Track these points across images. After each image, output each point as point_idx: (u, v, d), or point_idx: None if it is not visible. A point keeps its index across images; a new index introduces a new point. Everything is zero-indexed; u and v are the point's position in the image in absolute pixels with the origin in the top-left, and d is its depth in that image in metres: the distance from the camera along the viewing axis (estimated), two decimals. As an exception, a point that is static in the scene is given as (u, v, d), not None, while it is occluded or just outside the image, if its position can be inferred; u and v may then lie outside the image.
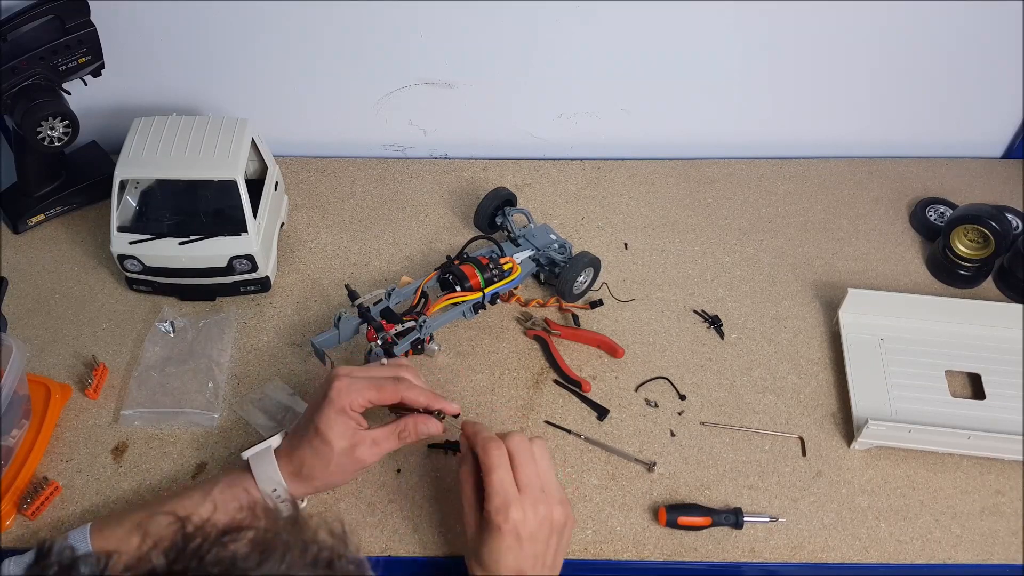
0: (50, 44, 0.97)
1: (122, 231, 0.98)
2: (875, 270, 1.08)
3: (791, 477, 0.89)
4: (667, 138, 1.24)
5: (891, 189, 1.19)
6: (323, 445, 0.75)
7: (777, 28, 1.11)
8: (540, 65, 1.16)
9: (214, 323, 0.99)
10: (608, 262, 1.06)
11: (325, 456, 0.76)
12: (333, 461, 0.76)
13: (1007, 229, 1.02)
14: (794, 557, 0.83)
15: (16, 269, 1.06)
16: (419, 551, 0.83)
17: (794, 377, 0.97)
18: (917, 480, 0.89)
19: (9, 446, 0.85)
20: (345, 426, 0.76)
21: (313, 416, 0.77)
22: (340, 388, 0.76)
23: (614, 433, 0.92)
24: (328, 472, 0.77)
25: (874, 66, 1.16)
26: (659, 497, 0.87)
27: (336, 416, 0.75)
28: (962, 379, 0.96)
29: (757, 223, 1.14)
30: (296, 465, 0.77)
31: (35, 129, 0.99)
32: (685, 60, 1.15)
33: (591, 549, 0.83)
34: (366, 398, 0.76)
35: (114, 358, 0.97)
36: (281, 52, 1.13)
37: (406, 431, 0.78)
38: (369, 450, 0.77)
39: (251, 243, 0.97)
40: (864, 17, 1.09)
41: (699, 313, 1.03)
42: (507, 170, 1.20)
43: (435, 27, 1.10)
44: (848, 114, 1.22)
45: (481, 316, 0.99)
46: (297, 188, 1.16)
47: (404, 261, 1.08)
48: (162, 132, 0.98)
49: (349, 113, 1.21)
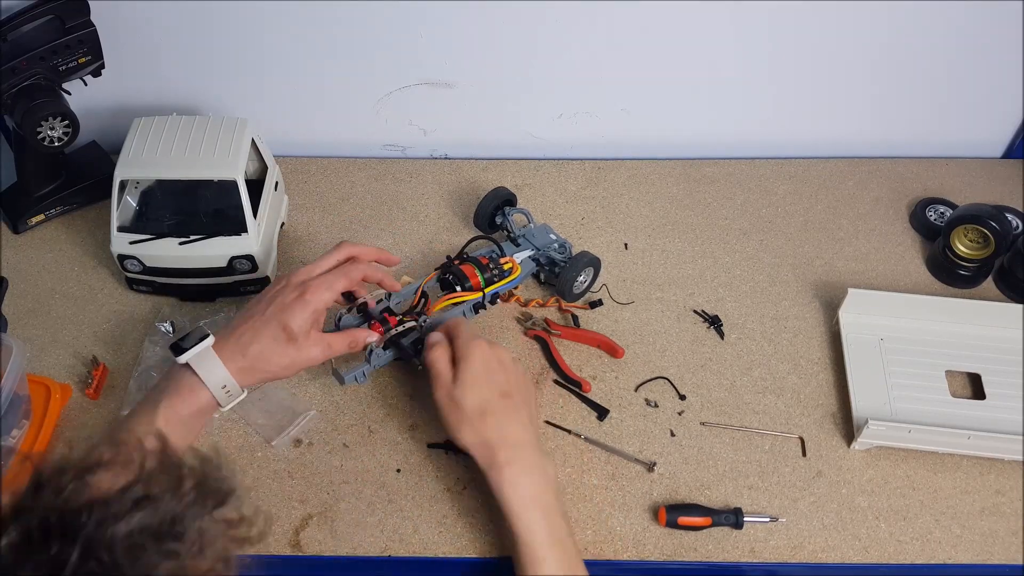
0: (50, 44, 0.97)
1: (122, 231, 0.98)
2: (875, 270, 1.08)
3: (791, 477, 0.89)
4: (667, 138, 1.24)
5: (891, 189, 1.19)
6: (289, 341, 0.80)
7: (777, 28, 1.11)
8: (540, 65, 1.16)
9: (214, 323, 0.99)
10: (608, 262, 1.06)
11: (283, 352, 0.80)
12: (289, 356, 0.80)
13: (1007, 229, 1.02)
14: (794, 557, 0.83)
15: (16, 269, 1.05)
16: (419, 551, 0.83)
17: (794, 377, 0.97)
18: (917, 480, 0.89)
19: (9, 446, 0.85)
20: (306, 320, 0.81)
21: (279, 314, 0.81)
22: (316, 288, 0.82)
23: (614, 433, 0.92)
24: (280, 366, 0.81)
25: (874, 66, 1.16)
26: (659, 497, 0.87)
27: (308, 316, 0.81)
28: (962, 379, 0.96)
29: (757, 223, 1.14)
30: (249, 360, 0.80)
31: (35, 129, 0.99)
32: (685, 60, 1.15)
33: (591, 549, 0.83)
34: (337, 292, 0.84)
35: (114, 358, 0.97)
36: (281, 52, 1.13)
37: (355, 341, 0.85)
38: (322, 352, 0.83)
39: (251, 243, 0.97)
40: (864, 17, 1.09)
41: (699, 313, 1.03)
42: (507, 170, 1.20)
43: (435, 27, 1.10)
44: (848, 114, 1.22)
45: (481, 316, 0.99)
46: (297, 188, 1.16)
47: (404, 261, 1.08)
48: (162, 132, 0.98)
49: (349, 113, 1.21)
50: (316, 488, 0.87)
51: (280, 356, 0.80)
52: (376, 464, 0.89)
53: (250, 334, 0.80)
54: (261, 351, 0.80)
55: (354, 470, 0.88)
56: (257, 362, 0.80)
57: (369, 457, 0.89)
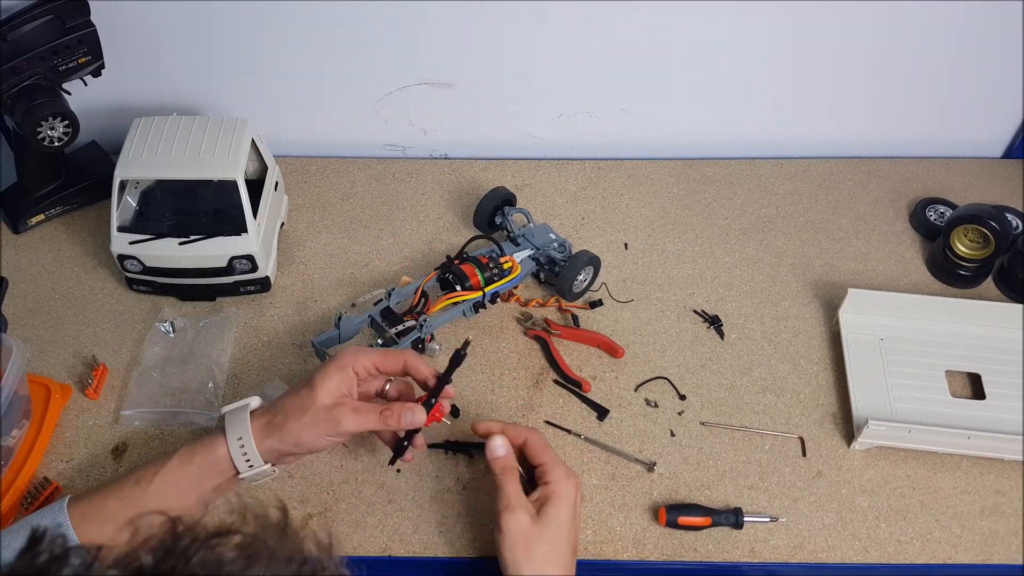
0: (50, 44, 0.97)
1: (122, 231, 0.98)
2: (875, 270, 1.08)
3: (791, 477, 0.89)
4: (667, 138, 1.24)
5: (891, 189, 1.19)
6: (308, 395, 0.75)
7: (777, 28, 1.11)
8: (540, 65, 1.16)
9: (214, 323, 0.99)
10: (608, 262, 1.06)
11: (305, 405, 0.75)
12: (310, 414, 0.74)
13: (1007, 229, 1.02)
14: (794, 557, 0.83)
15: (16, 269, 1.06)
16: (419, 551, 0.83)
17: (794, 377, 0.97)
18: (917, 480, 0.89)
19: (9, 446, 0.86)
20: (339, 382, 0.76)
21: (312, 374, 0.77)
22: (347, 351, 0.78)
23: (614, 433, 0.92)
24: (301, 425, 0.74)
25: (874, 66, 1.16)
26: (659, 497, 0.87)
27: (334, 371, 0.76)
28: (962, 379, 0.96)
29: (757, 223, 1.14)
30: (271, 414, 0.76)
31: (35, 129, 0.99)
32: (685, 60, 1.15)
33: (591, 549, 0.83)
34: (372, 360, 0.77)
35: (114, 358, 0.97)
36: (281, 52, 1.13)
37: (390, 412, 0.76)
38: (349, 416, 0.75)
39: (251, 243, 0.97)
40: (864, 17, 1.09)
41: (699, 313, 1.03)
42: (507, 170, 1.20)
43: (435, 27, 1.10)
44: (848, 114, 1.22)
45: (481, 316, 0.99)
46: (297, 188, 1.16)
47: (404, 261, 1.08)
48: (162, 132, 0.98)
49: (349, 113, 1.21)
50: (316, 488, 0.87)
51: (300, 411, 0.75)
52: (376, 464, 0.89)
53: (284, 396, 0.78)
54: (281, 402, 0.76)
55: (354, 470, 0.88)
56: (276, 416, 0.75)
57: (369, 457, 0.89)
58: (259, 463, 0.76)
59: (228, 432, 0.75)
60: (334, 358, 0.77)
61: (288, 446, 0.76)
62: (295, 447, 0.76)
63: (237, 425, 0.76)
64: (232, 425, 0.76)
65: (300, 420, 0.75)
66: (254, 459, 0.75)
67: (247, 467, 0.76)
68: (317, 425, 0.75)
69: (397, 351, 0.80)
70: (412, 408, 0.77)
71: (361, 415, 0.75)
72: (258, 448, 0.75)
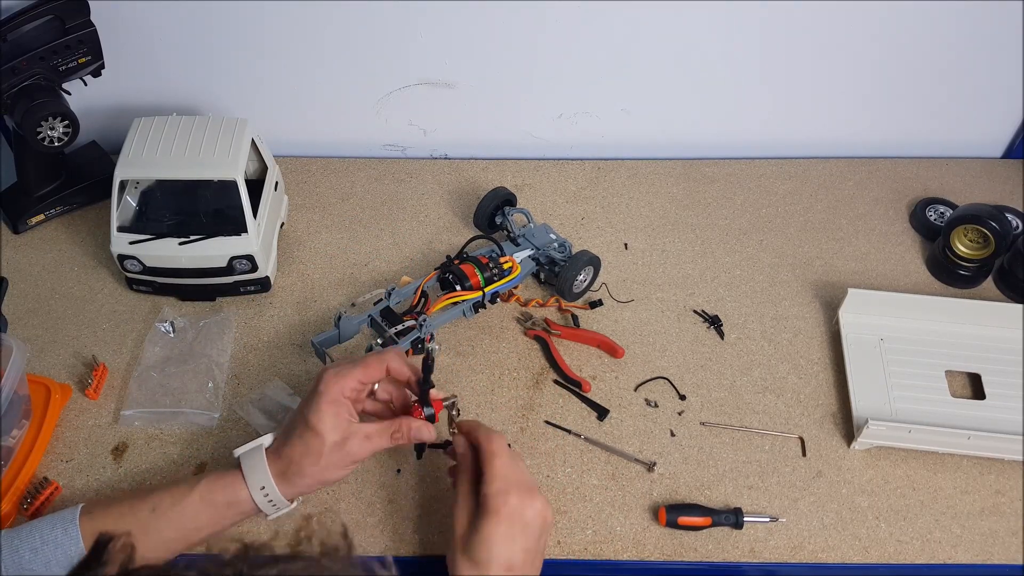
0: (50, 44, 0.97)
1: (122, 231, 0.98)
2: (875, 270, 1.08)
3: (791, 477, 0.89)
4: (667, 138, 1.24)
5: (891, 189, 1.19)
6: (314, 438, 0.74)
7: (777, 28, 1.11)
8: (540, 65, 1.16)
9: (214, 323, 0.99)
10: (608, 262, 1.06)
11: (316, 450, 0.74)
12: (324, 456, 0.74)
13: (1007, 229, 1.02)
14: (794, 557, 0.83)
15: (16, 269, 1.06)
16: (419, 551, 0.83)
17: (794, 377, 0.97)
18: (917, 480, 0.89)
19: (9, 446, 0.86)
20: (337, 417, 0.75)
21: (303, 410, 0.76)
22: (328, 378, 0.76)
23: (614, 433, 0.92)
24: (319, 468, 0.75)
25: (874, 66, 1.16)
26: (659, 497, 0.87)
27: (327, 407, 0.74)
28: (962, 379, 0.96)
29: (757, 223, 1.14)
30: (285, 463, 0.75)
31: (35, 129, 0.99)
32: (685, 60, 1.15)
33: (591, 549, 0.83)
34: (355, 379, 0.76)
35: (114, 358, 0.97)
36: (281, 52, 1.13)
37: (399, 431, 0.77)
38: (361, 444, 0.75)
39: (251, 243, 0.97)
40: (864, 17, 1.09)
41: (699, 313, 1.03)
42: (507, 170, 1.20)
43: (435, 27, 1.10)
44: (848, 114, 1.22)
45: (481, 316, 0.99)
46: (297, 188, 1.16)
47: (404, 261, 1.08)
48: (162, 132, 0.98)
49: (349, 113, 1.21)
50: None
51: (315, 456, 0.74)
52: (376, 464, 0.89)
53: (284, 434, 0.77)
54: (290, 450, 0.75)
55: (354, 470, 0.88)
56: (291, 465, 0.75)
57: (369, 457, 0.89)
58: (284, 504, 0.77)
59: (249, 480, 0.75)
60: (320, 392, 0.75)
61: (310, 489, 0.78)
62: (319, 486, 0.78)
63: (258, 474, 0.75)
64: (252, 474, 0.76)
65: (318, 464, 0.75)
66: (279, 503, 0.77)
67: (273, 509, 0.77)
68: (335, 464, 0.75)
69: (376, 358, 0.78)
70: (419, 427, 0.77)
71: (373, 440, 0.76)
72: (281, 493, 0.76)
